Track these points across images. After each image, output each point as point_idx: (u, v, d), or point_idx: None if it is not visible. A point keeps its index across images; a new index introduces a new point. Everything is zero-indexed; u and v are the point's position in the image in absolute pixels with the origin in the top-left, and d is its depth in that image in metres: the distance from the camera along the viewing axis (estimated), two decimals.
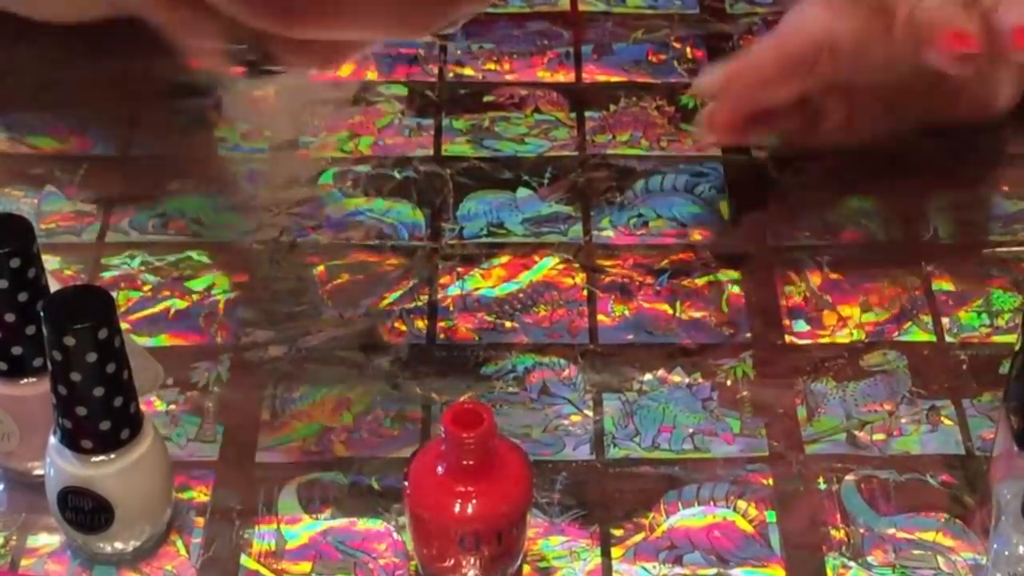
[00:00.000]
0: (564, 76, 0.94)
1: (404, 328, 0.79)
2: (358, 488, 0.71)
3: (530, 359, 0.77)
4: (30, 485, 0.70)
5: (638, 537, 0.70)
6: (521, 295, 0.80)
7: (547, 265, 0.82)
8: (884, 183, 0.86)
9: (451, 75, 0.93)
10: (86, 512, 0.66)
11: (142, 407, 0.66)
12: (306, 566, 0.69)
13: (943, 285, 0.81)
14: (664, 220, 0.85)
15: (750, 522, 0.70)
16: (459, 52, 0.95)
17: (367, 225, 0.84)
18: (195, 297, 0.80)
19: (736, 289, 0.81)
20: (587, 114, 0.91)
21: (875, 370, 0.77)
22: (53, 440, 0.66)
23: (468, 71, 0.94)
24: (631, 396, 0.76)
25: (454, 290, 0.81)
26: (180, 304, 0.80)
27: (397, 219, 0.84)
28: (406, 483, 0.66)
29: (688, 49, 0.95)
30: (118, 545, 0.68)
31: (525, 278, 0.81)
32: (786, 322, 0.79)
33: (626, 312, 0.80)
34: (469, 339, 0.78)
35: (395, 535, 0.70)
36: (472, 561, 0.66)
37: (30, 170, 0.87)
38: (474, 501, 0.64)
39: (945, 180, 0.87)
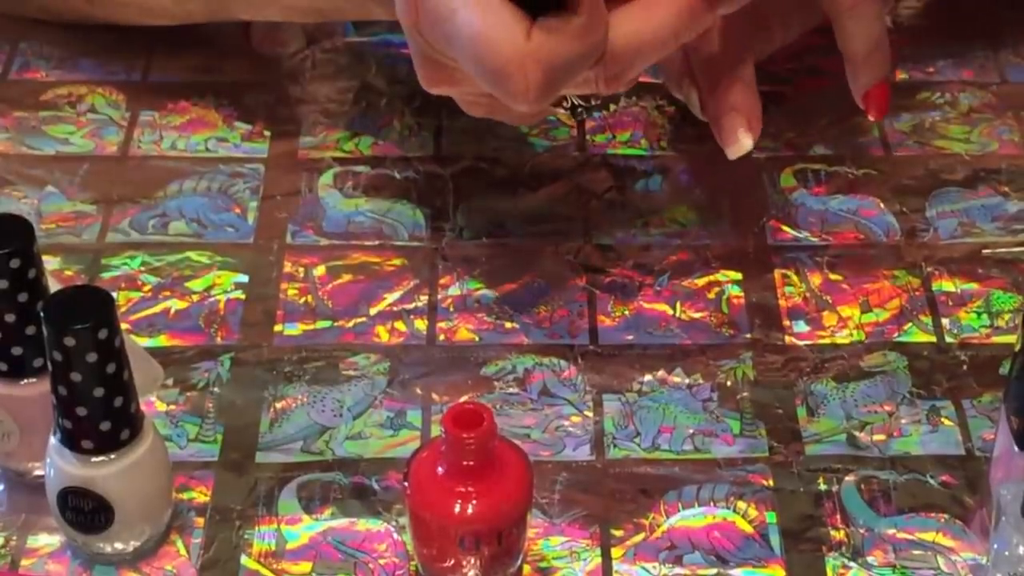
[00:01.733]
0: None
1: (404, 328, 0.79)
2: (358, 488, 0.72)
3: (530, 360, 0.77)
4: (30, 485, 0.70)
5: (638, 537, 0.70)
6: (521, 296, 0.80)
7: (547, 265, 0.82)
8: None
9: None
10: (86, 512, 0.66)
11: (142, 407, 0.66)
12: (306, 566, 0.69)
13: (943, 285, 0.81)
14: (664, 220, 0.85)
15: (750, 523, 0.70)
16: None
17: (367, 225, 0.84)
18: (195, 297, 0.80)
19: (736, 289, 0.81)
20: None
21: (875, 371, 0.77)
22: (53, 440, 0.66)
23: None
24: (631, 397, 0.76)
25: (454, 290, 0.81)
26: (180, 304, 0.80)
27: (397, 219, 0.84)
28: (406, 483, 0.66)
29: None
30: (118, 545, 0.68)
31: (525, 278, 0.81)
32: (786, 322, 0.79)
33: (626, 313, 0.80)
34: (469, 340, 0.78)
35: (395, 535, 0.70)
36: (472, 561, 0.66)
37: (30, 170, 0.87)
38: (474, 501, 0.64)
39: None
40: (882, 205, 0.86)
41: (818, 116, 0.91)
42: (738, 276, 0.82)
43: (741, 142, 0.80)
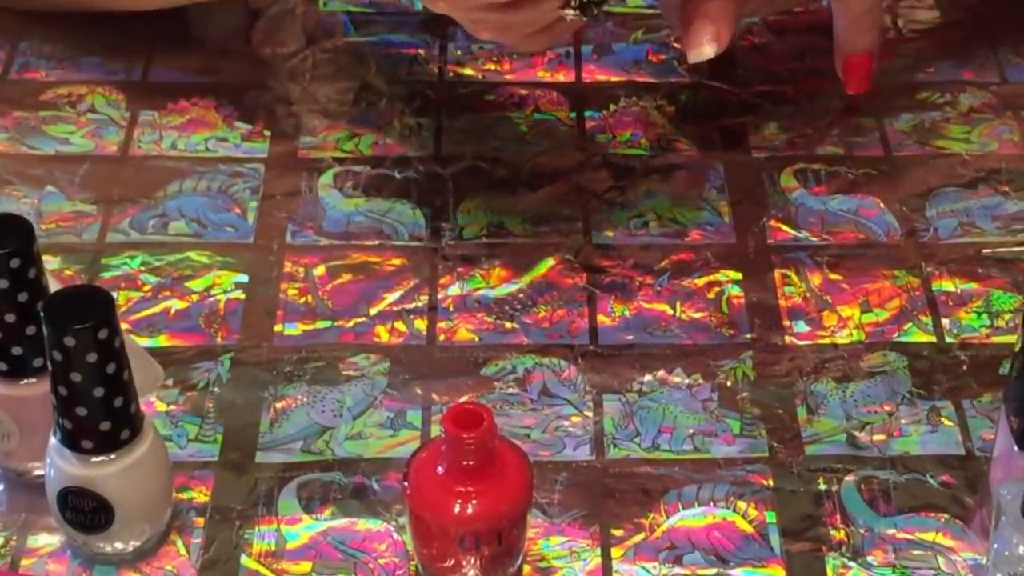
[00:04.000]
0: (564, 76, 0.94)
1: (404, 328, 0.79)
2: (358, 488, 0.71)
3: (530, 360, 0.77)
4: (30, 485, 0.70)
5: (638, 537, 0.70)
6: (521, 296, 0.80)
7: (547, 265, 0.82)
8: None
9: (451, 75, 0.93)
10: (86, 512, 0.66)
11: (142, 407, 0.66)
12: (306, 566, 0.69)
13: (943, 285, 0.81)
14: (664, 220, 0.85)
15: (750, 522, 0.70)
16: (459, 52, 0.95)
17: (367, 225, 0.84)
18: (195, 297, 0.80)
19: (736, 289, 0.81)
20: (587, 114, 0.91)
21: (875, 371, 0.77)
22: (53, 440, 0.66)
23: (468, 71, 0.94)
24: (631, 397, 0.76)
25: (454, 290, 0.81)
26: (180, 304, 0.80)
27: (397, 219, 0.84)
28: (406, 483, 0.66)
29: None
30: (118, 545, 0.68)
31: (525, 278, 0.81)
32: (786, 322, 0.79)
33: (626, 312, 0.80)
34: (469, 340, 0.78)
35: (395, 535, 0.70)
36: (472, 561, 0.66)
37: (30, 170, 0.87)
38: (474, 501, 0.64)
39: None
40: (882, 205, 0.86)
41: (818, 116, 0.91)
42: (738, 276, 0.82)
43: (704, 48, 0.81)
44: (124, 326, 0.67)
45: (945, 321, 0.79)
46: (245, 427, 0.74)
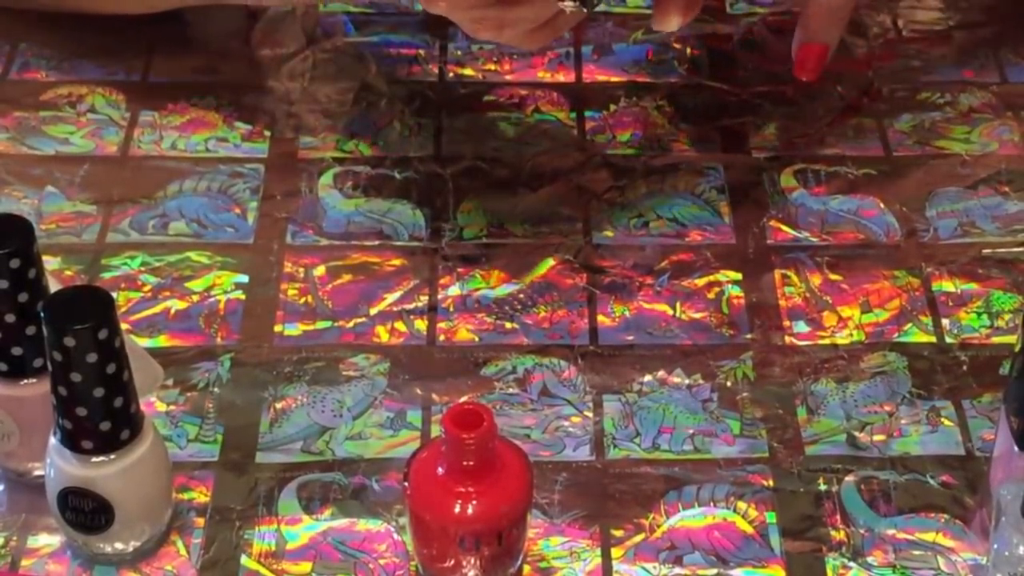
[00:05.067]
0: (564, 76, 0.94)
1: (404, 329, 0.79)
2: (358, 488, 0.72)
3: (530, 360, 0.77)
4: (30, 485, 0.70)
5: (638, 537, 0.70)
6: (521, 296, 0.80)
7: (547, 265, 0.82)
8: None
9: (451, 75, 0.93)
10: (86, 512, 0.66)
11: (142, 408, 0.66)
12: (306, 566, 0.69)
13: (943, 285, 0.81)
14: (664, 220, 0.85)
15: (750, 523, 0.70)
16: (459, 52, 0.95)
17: (367, 225, 0.84)
18: (195, 297, 0.80)
19: (736, 290, 0.81)
20: (587, 114, 0.91)
21: (875, 371, 0.77)
22: (53, 440, 0.66)
23: (468, 71, 0.94)
24: (631, 397, 0.76)
25: (454, 291, 0.81)
26: (180, 304, 0.80)
27: (397, 219, 0.84)
28: (406, 483, 0.66)
29: (688, 49, 0.95)
30: (118, 545, 0.68)
31: (525, 279, 0.81)
32: (786, 323, 0.79)
33: (626, 313, 0.80)
34: (469, 340, 0.78)
35: (395, 535, 0.70)
36: (472, 561, 0.66)
37: (30, 170, 0.87)
38: (474, 502, 0.64)
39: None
40: (882, 205, 0.86)
41: (818, 116, 0.91)
42: (738, 276, 0.82)
43: (670, 20, 0.81)
44: (124, 326, 0.67)
45: (945, 321, 0.79)
46: (245, 427, 0.74)
